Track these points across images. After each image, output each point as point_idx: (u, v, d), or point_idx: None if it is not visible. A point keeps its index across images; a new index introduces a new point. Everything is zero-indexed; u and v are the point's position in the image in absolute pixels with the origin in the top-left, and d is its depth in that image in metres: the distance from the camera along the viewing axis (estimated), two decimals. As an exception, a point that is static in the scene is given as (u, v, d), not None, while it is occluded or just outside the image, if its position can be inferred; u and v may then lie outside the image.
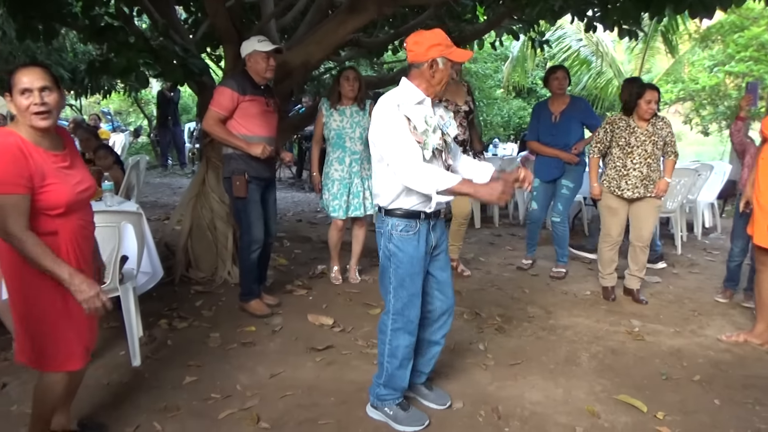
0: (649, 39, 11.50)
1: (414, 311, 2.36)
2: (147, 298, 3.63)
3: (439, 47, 2.19)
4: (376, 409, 2.50)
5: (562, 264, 4.67)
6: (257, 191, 3.52)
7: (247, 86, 3.41)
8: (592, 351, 3.20)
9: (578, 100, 4.68)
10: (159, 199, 8.03)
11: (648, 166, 3.84)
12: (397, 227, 2.29)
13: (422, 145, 2.20)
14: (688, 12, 4.41)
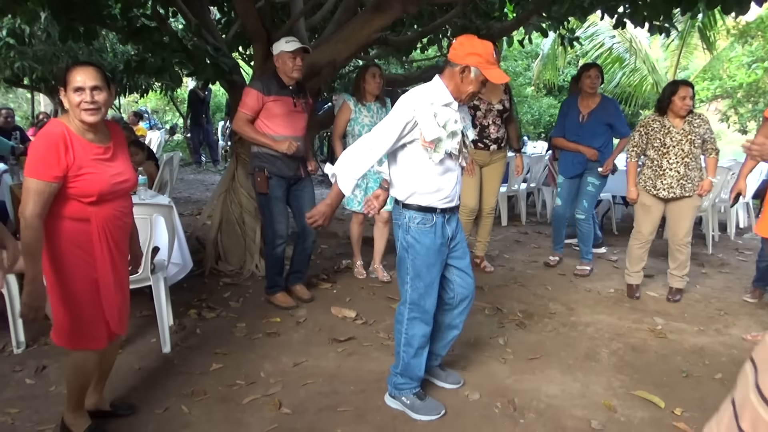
0: (685, 35, 11.25)
1: (430, 301, 2.43)
2: (178, 289, 3.78)
3: (479, 58, 2.25)
4: (394, 399, 2.57)
5: (587, 261, 4.65)
6: (279, 188, 3.60)
7: (272, 86, 3.50)
8: (612, 347, 3.20)
9: (608, 102, 4.59)
10: (192, 195, 8.25)
11: (686, 165, 3.78)
12: (415, 220, 2.36)
13: (432, 149, 2.26)
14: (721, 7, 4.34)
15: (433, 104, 2.26)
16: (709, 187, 3.81)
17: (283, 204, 3.65)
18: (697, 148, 3.79)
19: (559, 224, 4.82)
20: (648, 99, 12.89)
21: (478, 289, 4.10)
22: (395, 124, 2.25)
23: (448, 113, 2.28)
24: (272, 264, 3.75)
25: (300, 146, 3.56)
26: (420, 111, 2.24)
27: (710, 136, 3.81)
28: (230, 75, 4.08)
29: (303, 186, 3.75)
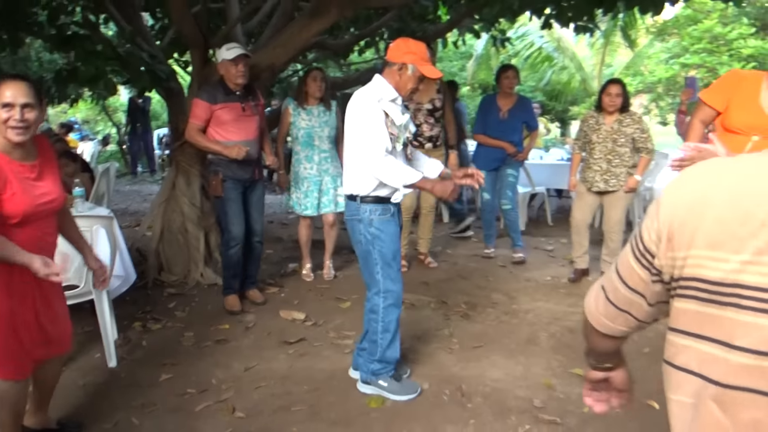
0: (608, 34, 11.86)
1: (400, 285, 2.60)
2: (120, 302, 3.69)
3: (414, 56, 2.44)
4: (368, 384, 2.67)
5: (519, 248, 4.91)
6: (234, 190, 3.66)
7: (219, 94, 3.56)
8: (550, 331, 3.39)
9: (525, 100, 4.97)
10: (129, 207, 8.02)
11: (608, 161, 4.01)
12: (376, 212, 2.50)
13: (395, 138, 2.44)
14: (639, 8, 4.66)
15: (382, 100, 2.42)
16: (633, 185, 4.05)
17: (237, 206, 3.70)
18: (622, 147, 3.99)
19: (489, 216, 5.04)
20: (576, 95, 13.49)
21: (424, 284, 4.26)
22: (377, 122, 2.39)
23: (396, 108, 2.46)
24: (226, 266, 3.82)
25: (251, 150, 3.61)
26: (385, 105, 2.42)
27: (640, 136, 4.00)
28: (167, 82, 4.03)
29: (254, 188, 3.82)
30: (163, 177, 10.37)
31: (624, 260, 0.91)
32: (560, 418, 2.48)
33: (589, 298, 1.01)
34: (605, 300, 0.97)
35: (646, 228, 0.86)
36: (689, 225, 0.78)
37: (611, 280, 0.95)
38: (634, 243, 0.89)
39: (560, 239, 5.71)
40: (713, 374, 0.77)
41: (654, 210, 0.85)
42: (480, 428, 2.42)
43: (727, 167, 0.79)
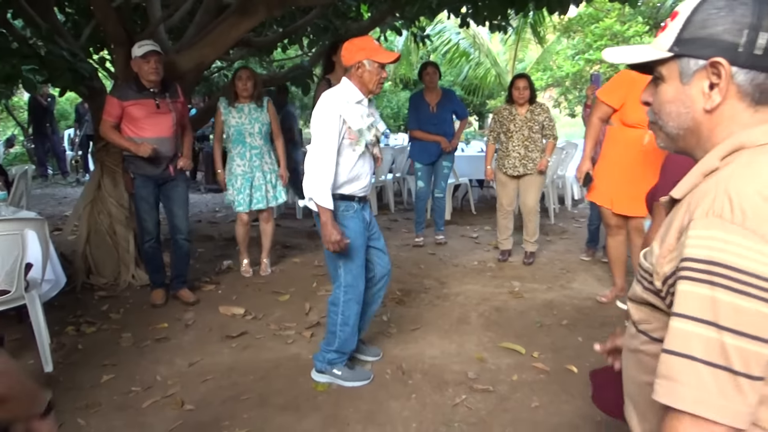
0: (519, 31, 12.47)
1: (362, 282, 2.71)
2: (49, 308, 3.57)
3: (365, 51, 2.54)
4: (323, 373, 2.79)
5: (442, 232, 5.38)
6: (144, 188, 3.71)
7: (130, 92, 3.58)
8: (479, 311, 3.65)
9: (449, 92, 5.32)
10: (43, 211, 7.61)
11: (525, 147, 4.42)
12: (339, 209, 2.60)
13: (355, 141, 2.54)
14: (547, 8, 5.01)
15: (348, 102, 2.52)
16: (544, 165, 4.46)
17: (148, 203, 3.75)
18: (536, 133, 4.42)
19: (421, 205, 5.34)
20: (492, 90, 14.10)
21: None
22: (330, 128, 2.47)
23: (361, 109, 2.57)
24: (145, 261, 3.95)
25: (163, 147, 3.63)
26: (343, 108, 2.50)
27: (548, 124, 4.47)
28: (90, 81, 3.93)
29: (173, 186, 3.82)
30: (76, 179, 9.92)
31: (750, 318, 0.71)
32: (492, 387, 2.71)
33: (722, 406, 0.72)
34: (749, 381, 0.72)
35: (764, 267, 0.71)
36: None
37: (738, 353, 0.72)
38: (755, 292, 0.71)
39: (484, 227, 6.06)
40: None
41: (755, 243, 0.72)
42: (421, 401, 2.62)
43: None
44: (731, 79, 0.83)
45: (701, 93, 0.86)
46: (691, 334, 0.73)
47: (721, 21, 0.83)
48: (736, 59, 0.82)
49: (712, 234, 0.74)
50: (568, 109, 12.19)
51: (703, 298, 0.73)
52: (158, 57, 3.53)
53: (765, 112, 0.84)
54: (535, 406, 2.55)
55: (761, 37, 0.80)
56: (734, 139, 0.84)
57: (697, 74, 0.85)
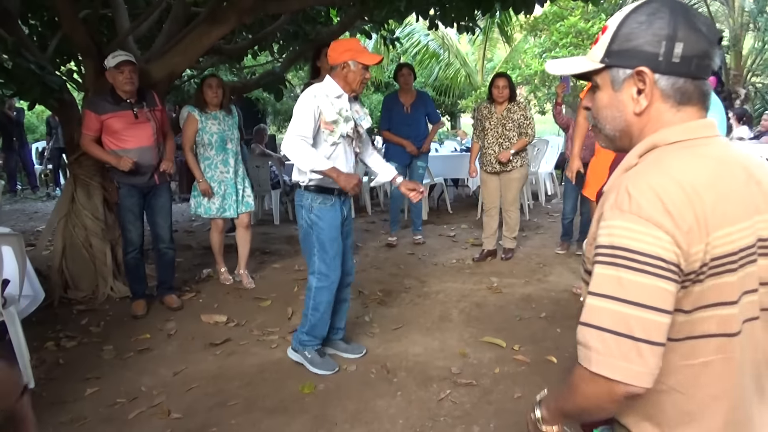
0: (487, 31, 12.63)
1: (336, 272, 2.80)
2: (27, 324, 3.51)
3: (351, 52, 2.67)
4: (296, 352, 2.92)
5: (419, 232, 5.44)
6: (129, 197, 3.71)
7: (106, 104, 3.57)
8: (460, 307, 3.72)
9: (424, 94, 5.40)
10: (14, 227, 7.45)
11: (500, 145, 4.51)
12: (316, 200, 2.74)
13: (331, 131, 2.67)
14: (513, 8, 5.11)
15: (328, 96, 2.67)
16: (505, 157, 4.49)
17: (133, 213, 3.75)
18: (510, 131, 4.51)
19: (396, 206, 5.39)
20: (463, 90, 14.24)
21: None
22: (307, 112, 2.61)
23: (340, 103, 2.70)
24: (127, 271, 3.94)
25: (145, 157, 3.64)
26: (320, 98, 2.65)
27: (524, 122, 4.55)
28: (59, 93, 3.89)
29: (158, 195, 3.82)
30: (47, 193, 9.73)
31: (646, 291, 0.82)
32: (475, 380, 2.78)
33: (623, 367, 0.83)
34: (649, 346, 0.82)
35: (657, 248, 0.83)
36: (699, 217, 0.84)
37: (638, 323, 0.82)
38: (650, 269, 0.82)
39: (461, 225, 6.14)
40: (728, 329, 0.89)
41: (648, 228, 0.84)
42: (407, 398, 2.67)
43: (688, 162, 0.89)
44: (655, 85, 0.94)
45: (631, 98, 0.96)
46: (600, 309, 0.85)
47: (642, 34, 0.93)
48: (657, 67, 0.93)
49: (614, 223, 0.86)
50: (538, 106, 12.37)
51: (609, 277, 0.85)
52: (132, 67, 3.52)
53: (686, 110, 0.95)
54: (518, 397, 2.62)
55: (677, 47, 0.91)
56: (650, 139, 0.95)
57: (626, 82, 0.96)
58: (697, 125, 0.94)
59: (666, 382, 0.90)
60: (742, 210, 0.90)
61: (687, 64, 0.92)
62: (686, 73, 0.92)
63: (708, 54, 0.92)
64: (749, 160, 0.97)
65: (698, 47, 0.91)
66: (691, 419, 0.91)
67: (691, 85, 0.93)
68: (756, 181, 0.93)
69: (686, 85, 0.93)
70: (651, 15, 0.93)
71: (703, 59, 0.92)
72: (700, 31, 0.92)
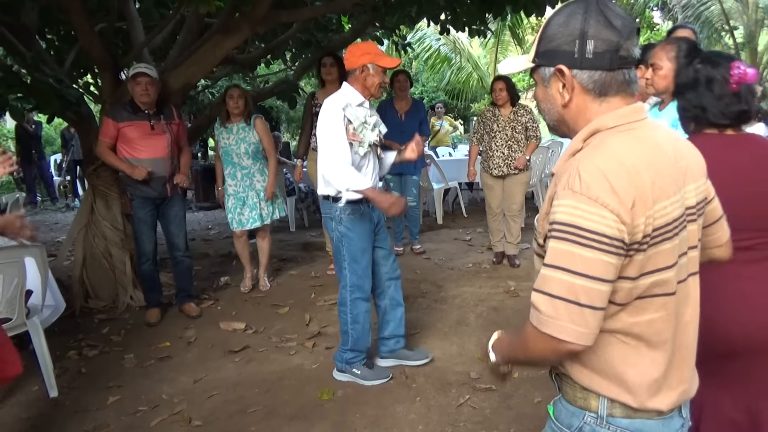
0: (499, 34, 12.62)
1: (368, 282, 2.78)
2: (49, 334, 3.57)
3: (369, 55, 2.62)
4: (343, 372, 2.87)
5: (418, 241, 5.38)
6: (142, 209, 3.77)
7: (124, 113, 3.64)
8: (477, 312, 3.71)
9: (419, 103, 5.34)
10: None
11: (509, 147, 4.49)
12: (345, 211, 2.68)
13: (360, 142, 2.62)
14: (524, 11, 5.11)
15: (350, 105, 2.61)
16: (522, 163, 4.50)
17: (146, 225, 3.80)
18: (519, 134, 4.50)
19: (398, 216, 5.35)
20: (476, 93, 14.22)
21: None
22: (337, 127, 2.56)
23: (363, 110, 2.66)
24: (141, 281, 4.01)
25: (158, 168, 3.69)
26: (347, 110, 2.59)
27: (532, 125, 4.54)
28: (77, 106, 3.96)
29: (171, 204, 3.87)
30: (66, 204, 9.88)
31: (591, 264, 0.92)
32: (495, 385, 2.76)
33: (568, 328, 0.93)
34: (592, 311, 0.93)
35: (603, 227, 0.92)
36: (640, 193, 0.94)
37: (583, 291, 0.93)
38: (595, 245, 0.92)
39: (476, 229, 6.13)
40: (668, 289, 1.01)
41: (595, 208, 0.92)
42: (426, 403, 2.66)
43: (627, 145, 0.99)
44: (574, 80, 1.03)
45: (557, 92, 1.06)
46: (551, 278, 0.95)
47: (560, 34, 1.03)
48: (573, 64, 1.03)
49: (567, 203, 0.95)
50: (551, 108, 12.37)
51: (561, 251, 0.95)
52: (149, 79, 3.58)
53: (611, 101, 1.04)
54: (538, 402, 2.60)
55: (589, 44, 1.01)
56: (592, 125, 1.04)
57: (552, 78, 1.07)
58: (628, 111, 1.03)
59: (618, 338, 1.02)
60: (673, 184, 1.00)
61: (600, 59, 1.01)
62: (601, 66, 1.01)
63: (621, 46, 1.00)
64: (675, 139, 1.09)
65: (610, 42, 1.00)
66: (637, 369, 1.02)
67: (609, 76, 1.02)
68: (681, 156, 1.05)
69: (604, 77, 1.02)
70: (568, 16, 1.03)
71: (617, 52, 1.00)
72: (612, 26, 1.00)
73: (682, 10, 12.07)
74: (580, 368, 1.05)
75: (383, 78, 2.66)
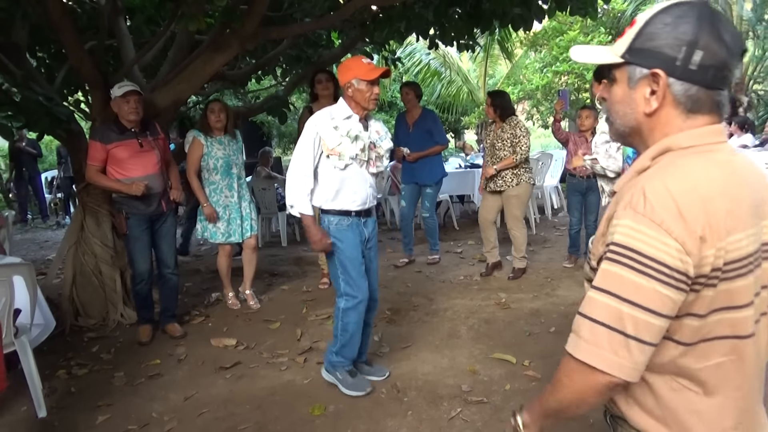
0: (488, 47, 12.74)
1: (362, 292, 2.80)
2: (38, 353, 3.54)
3: (353, 71, 2.71)
4: (329, 372, 2.92)
5: (435, 252, 5.36)
6: (138, 227, 3.73)
7: (112, 134, 3.61)
8: (468, 324, 3.71)
9: (428, 113, 5.38)
10: (26, 256, 7.52)
11: (492, 164, 4.53)
12: (332, 222, 2.77)
13: (339, 156, 2.70)
14: (511, 25, 5.18)
15: (334, 119, 2.70)
16: (488, 173, 4.54)
17: (142, 243, 3.77)
18: (500, 150, 4.52)
19: (407, 225, 5.36)
20: (466, 107, 14.31)
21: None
22: (306, 144, 2.68)
23: (349, 124, 2.73)
24: (136, 302, 3.97)
25: (152, 184, 3.67)
26: (320, 126, 2.69)
27: (514, 141, 4.50)
28: (67, 124, 3.97)
29: (164, 221, 3.86)
30: (57, 222, 9.82)
31: (644, 293, 0.85)
32: (486, 398, 2.76)
33: (609, 358, 0.86)
34: (639, 344, 0.86)
35: (663, 254, 0.85)
36: (713, 222, 0.86)
37: (631, 321, 0.86)
38: (652, 273, 0.85)
39: (468, 241, 6.15)
40: (741, 331, 0.91)
41: (658, 233, 0.85)
42: (417, 417, 2.66)
43: (702, 168, 0.91)
44: (668, 89, 0.93)
45: (643, 98, 0.96)
46: (597, 302, 0.88)
47: (665, 35, 0.93)
48: (673, 71, 0.92)
49: (626, 223, 0.88)
50: (541, 120, 12.42)
51: (612, 274, 0.87)
52: (138, 97, 3.58)
53: (696, 119, 0.95)
54: (529, 413, 2.60)
55: (696, 54, 0.91)
56: (663, 143, 0.95)
57: (641, 81, 0.96)
58: (707, 131, 0.94)
59: (681, 383, 0.93)
60: (750, 216, 0.91)
61: (703, 73, 0.91)
62: (701, 81, 0.92)
63: (727, 65, 0.92)
64: (753, 167, 0.99)
65: (718, 57, 0.91)
66: (703, 419, 0.93)
67: (705, 94, 0.93)
68: (759, 186, 0.96)
69: (699, 93, 0.93)
70: (678, 18, 0.92)
71: (721, 70, 0.92)
72: (723, 41, 0.91)
73: (668, 22, 12.21)
74: (640, 413, 0.96)
75: (371, 90, 2.71)
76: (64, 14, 3.58)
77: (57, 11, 3.46)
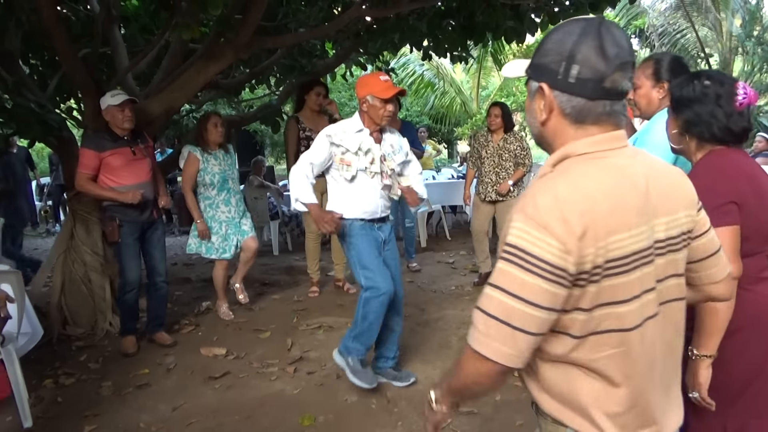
0: (481, 59, 12.84)
1: (385, 283, 2.81)
2: (25, 362, 3.50)
3: (368, 87, 2.81)
4: (341, 355, 2.91)
5: (414, 260, 5.53)
6: (130, 235, 3.69)
7: (105, 142, 3.58)
8: (459, 335, 3.70)
9: (408, 124, 5.47)
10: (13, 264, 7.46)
11: (497, 174, 4.55)
12: (347, 223, 2.88)
13: (347, 166, 2.83)
14: (504, 38, 5.23)
15: (346, 132, 2.81)
16: (504, 189, 4.56)
17: (133, 251, 3.74)
18: (507, 161, 4.56)
19: (411, 234, 5.45)
20: (459, 117, 14.40)
21: (339, 306, 4.43)
22: (319, 147, 2.80)
23: (359, 137, 2.84)
24: (122, 310, 3.88)
25: (145, 192, 3.65)
26: (333, 136, 2.80)
27: (521, 153, 4.59)
28: (59, 131, 3.95)
29: (154, 228, 3.85)
30: (46, 230, 9.75)
31: (529, 288, 0.92)
32: (476, 409, 2.76)
33: (496, 347, 0.95)
34: (524, 335, 0.94)
35: (546, 253, 0.92)
36: (593, 223, 0.92)
37: (517, 314, 0.93)
38: (536, 270, 0.92)
39: (459, 251, 6.15)
40: (627, 324, 0.98)
41: (542, 234, 0.92)
42: (408, 427, 2.65)
43: (591, 174, 0.98)
44: (554, 101, 1.01)
45: (539, 108, 1.04)
46: (491, 297, 0.97)
47: (552, 52, 1.00)
48: (556, 84, 1.00)
49: (517, 225, 0.96)
50: (533, 132, 12.55)
51: (504, 272, 0.96)
52: (132, 105, 3.58)
53: (586, 128, 1.01)
54: (519, 425, 2.60)
55: (573, 68, 0.97)
56: (562, 150, 1.03)
57: (537, 94, 1.04)
58: (602, 138, 1.00)
59: (580, 372, 1.01)
60: (637, 216, 0.97)
61: (582, 86, 0.98)
62: (581, 93, 0.98)
63: (606, 78, 0.97)
64: (652, 168, 1.05)
65: (595, 71, 0.96)
66: (600, 403, 1.00)
67: (589, 105, 0.99)
68: (654, 187, 1.02)
69: (582, 104, 0.99)
70: (565, 34, 0.99)
71: (600, 82, 0.97)
72: (604, 54, 0.96)
73: (659, 38, 12.41)
74: (549, 400, 1.04)
75: (385, 107, 2.81)
76: (58, 22, 3.58)
77: (51, 19, 3.45)
